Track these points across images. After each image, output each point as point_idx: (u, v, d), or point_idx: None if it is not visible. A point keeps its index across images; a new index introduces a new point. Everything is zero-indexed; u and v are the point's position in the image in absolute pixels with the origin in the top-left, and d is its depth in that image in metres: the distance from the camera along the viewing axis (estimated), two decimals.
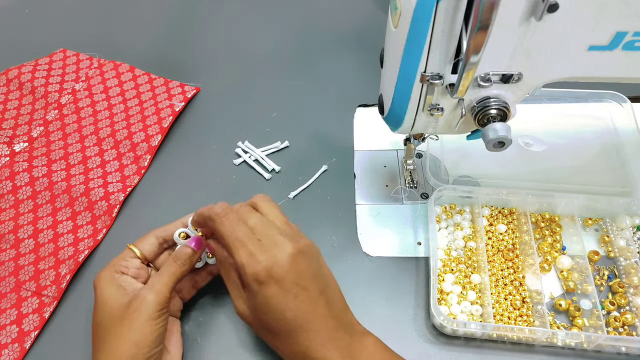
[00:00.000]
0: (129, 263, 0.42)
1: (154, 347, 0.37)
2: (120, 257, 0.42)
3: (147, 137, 0.61)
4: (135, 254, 0.42)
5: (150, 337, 0.37)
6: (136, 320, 0.37)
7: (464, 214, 0.52)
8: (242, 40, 0.75)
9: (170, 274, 0.40)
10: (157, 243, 0.44)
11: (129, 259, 0.42)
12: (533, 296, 0.46)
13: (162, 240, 0.44)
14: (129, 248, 0.43)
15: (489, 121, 0.39)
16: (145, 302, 0.38)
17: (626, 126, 0.58)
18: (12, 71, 0.69)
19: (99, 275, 0.40)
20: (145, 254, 0.43)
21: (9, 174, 0.57)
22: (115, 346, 0.37)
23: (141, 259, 0.43)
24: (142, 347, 0.37)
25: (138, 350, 0.36)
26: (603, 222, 0.51)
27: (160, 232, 0.44)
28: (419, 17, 0.35)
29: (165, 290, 0.39)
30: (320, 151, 0.59)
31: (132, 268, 0.42)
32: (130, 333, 0.37)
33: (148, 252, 0.43)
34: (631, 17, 0.34)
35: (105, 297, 0.39)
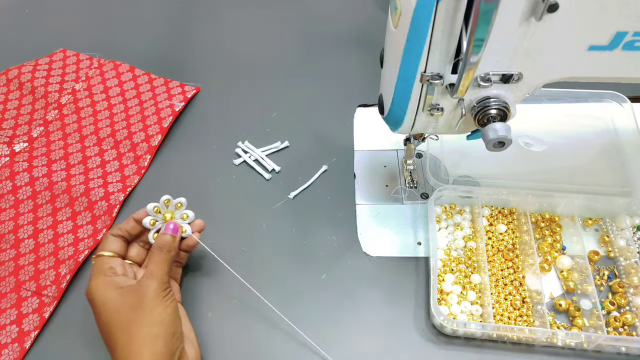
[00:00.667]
0: (112, 264, 0.42)
1: (174, 324, 0.39)
2: (100, 264, 0.42)
3: (147, 137, 0.61)
4: (108, 256, 0.43)
5: (167, 313, 0.39)
6: (147, 304, 0.39)
7: (464, 214, 0.52)
8: (242, 40, 0.75)
9: (161, 260, 0.42)
10: (119, 240, 0.45)
11: (109, 260, 0.43)
12: (533, 296, 0.46)
13: (121, 237, 0.45)
14: (99, 255, 0.43)
15: (489, 121, 0.39)
16: (150, 287, 0.39)
17: (626, 126, 0.58)
18: (12, 71, 0.69)
19: (90, 286, 0.41)
20: (116, 252, 0.44)
21: (9, 174, 0.57)
22: (138, 331, 0.37)
23: (117, 257, 0.44)
24: (164, 323, 0.38)
25: (161, 328, 0.38)
26: (603, 222, 0.51)
27: (116, 231, 0.45)
28: (419, 17, 0.35)
29: (162, 274, 0.41)
30: (320, 151, 0.59)
31: (118, 266, 0.43)
32: (147, 314, 0.38)
33: (117, 249, 0.44)
34: (631, 17, 0.34)
35: (106, 299, 0.39)
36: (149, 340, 0.37)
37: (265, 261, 0.50)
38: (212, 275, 0.49)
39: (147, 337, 0.37)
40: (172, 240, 0.44)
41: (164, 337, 0.38)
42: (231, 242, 0.52)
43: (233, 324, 0.46)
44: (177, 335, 0.39)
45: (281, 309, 0.47)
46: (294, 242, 0.52)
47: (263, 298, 0.46)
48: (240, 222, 0.54)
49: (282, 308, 0.47)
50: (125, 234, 0.45)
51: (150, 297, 0.39)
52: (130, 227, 0.45)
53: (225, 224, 0.53)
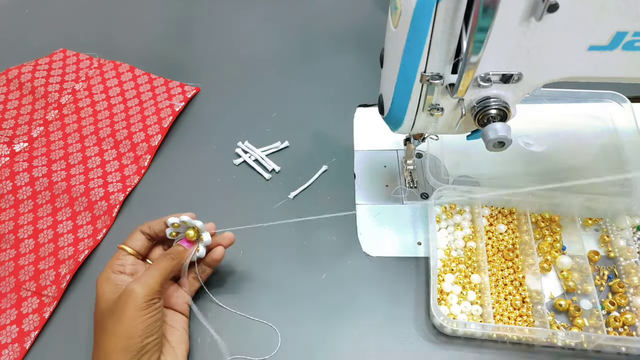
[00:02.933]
0: (123, 261, 0.43)
1: (145, 338, 0.38)
2: (115, 257, 0.43)
3: (147, 137, 0.61)
4: (127, 251, 0.44)
5: (139, 328, 0.38)
6: (125, 312, 0.38)
7: (464, 214, 0.52)
8: (242, 40, 0.75)
9: (159, 267, 0.41)
10: (145, 238, 0.45)
11: (122, 257, 0.43)
12: (533, 296, 0.46)
13: (148, 236, 0.45)
14: (121, 248, 0.44)
15: (489, 121, 0.39)
16: (133, 294, 0.39)
17: (626, 126, 0.58)
18: (12, 71, 0.69)
19: (99, 278, 0.42)
20: (137, 249, 0.44)
21: (9, 174, 0.57)
22: (108, 340, 0.38)
23: (134, 255, 0.44)
24: (133, 337, 0.37)
25: (129, 342, 0.37)
26: (603, 222, 0.51)
27: (145, 228, 0.45)
28: (419, 17, 0.35)
29: (153, 282, 0.40)
30: (320, 151, 0.59)
31: (128, 265, 0.43)
32: (120, 325, 0.38)
33: (138, 247, 0.44)
34: (631, 17, 0.34)
35: (101, 295, 0.40)
36: (114, 352, 0.37)
37: (265, 261, 0.50)
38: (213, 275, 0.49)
39: (117, 346, 0.37)
40: (182, 250, 0.44)
41: (130, 353, 0.37)
42: None
43: (233, 324, 0.46)
44: (147, 346, 0.38)
45: (281, 308, 0.47)
46: (294, 242, 0.52)
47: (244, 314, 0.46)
48: (240, 222, 0.54)
49: (282, 308, 0.47)
50: (152, 234, 0.45)
51: (130, 306, 0.38)
52: (159, 229, 0.45)
53: (225, 224, 0.53)
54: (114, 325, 0.38)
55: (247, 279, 0.49)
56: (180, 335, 0.43)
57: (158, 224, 0.45)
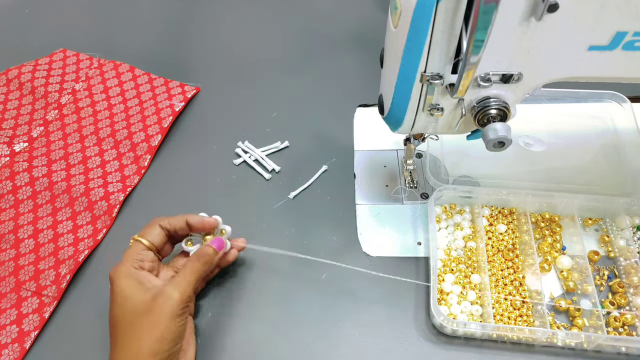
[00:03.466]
0: (143, 256, 0.42)
1: (174, 344, 0.38)
2: (134, 251, 0.42)
3: (147, 137, 0.61)
4: (145, 245, 0.42)
5: (173, 334, 0.38)
6: (161, 317, 0.38)
7: (464, 214, 0.52)
8: (242, 40, 0.75)
9: (193, 272, 0.41)
10: (163, 233, 0.44)
11: (142, 252, 0.42)
12: (533, 296, 0.46)
13: (166, 230, 0.44)
14: (137, 240, 0.43)
15: (489, 121, 0.39)
16: (171, 300, 0.38)
17: (626, 126, 0.58)
18: (12, 71, 0.69)
19: (118, 270, 0.40)
20: (155, 244, 0.43)
21: (9, 174, 0.57)
22: (138, 341, 0.37)
23: (152, 249, 0.43)
24: (165, 343, 0.37)
25: (161, 347, 0.37)
26: (603, 222, 0.51)
27: (165, 222, 0.44)
28: (419, 17, 0.35)
29: (189, 289, 0.40)
30: (320, 151, 0.59)
31: (147, 261, 0.42)
32: (154, 329, 0.37)
33: (156, 242, 0.43)
34: (631, 17, 0.34)
35: (127, 292, 0.39)
36: (147, 354, 0.36)
37: (265, 261, 0.50)
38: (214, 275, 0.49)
39: (148, 350, 0.37)
40: (213, 253, 0.43)
41: (161, 355, 0.37)
42: None
43: (233, 324, 0.46)
44: (175, 353, 0.38)
45: (281, 308, 0.47)
46: (294, 242, 0.52)
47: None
48: (240, 222, 0.54)
49: (282, 308, 0.47)
50: (172, 230, 0.44)
51: (167, 312, 0.38)
52: (179, 227, 0.44)
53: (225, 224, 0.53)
54: (149, 329, 0.37)
55: (247, 279, 0.49)
56: (190, 338, 0.43)
57: (179, 221, 0.44)
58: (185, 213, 0.46)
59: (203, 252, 0.43)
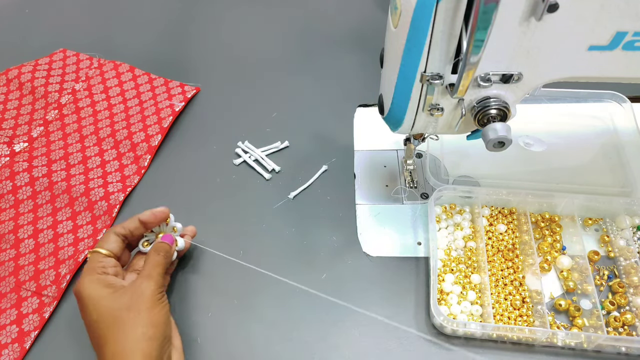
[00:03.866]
0: (105, 263, 0.42)
1: (165, 328, 0.39)
2: (94, 261, 0.42)
3: (147, 137, 0.61)
4: (104, 254, 0.43)
5: (160, 317, 0.39)
6: (144, 305, 0.39)
7: (464, 214, 0.52)
8: (242, 40, 0.75)
9: (156, 263, 0.43)
10: (119, 240, 0.44)
11: (102, 259, 0.42)
12: (533, 296, 0.46)
13: (122, 237, 0.45)
14: (96, 251, 0.43)
15: (489, 121, 0.39)
16: (148, 289, 0.40)
17: (626, 126, 0.58)
18: (12, 71, 0.69)
19: (81, 283, 0.40)
20: (113, 251, 0.44)
21: (9, 174, 0.57)
22: (129, 331, 0.37)
23: (111, 256, 0.43)
24: (158, 326, 0.38)
25: (155, 330, 0.38)
26: (603, 222, 0.51)
27: (120, 229, 0.45)
28: (419, 17, 0.35)
29: (158, 276, 0.42)
30: (320, 151, 0.59)
31: (110, 267, 0.42)
32: (141, 316, 0.38)
33: (114, 249, 0.44)
34: (631, 17, 0.34)
35: (97, 297, 0.39)
36: (143, 341, 0.37)
37: (265, 261, 0.50)
38: (213, 275, 0.49)
39: (142, 337, 0.37)
40: (168, 247, 0.45)
41: (157, 340, 0.38)
42: (231, 242, 0.52)
43: (233, 324, 0.46)
44: (167, 339, 0.39)
45: (281, 308, 0.47)
46: (294, 242, 0.52)
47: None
48: (240, 222, 0.54)
49: (282, 308, 0.47)
50: (128, 233, 0.45)
51: (148, 298, 0.39)
52: (133, 227, 0.45)
53: (225, 224, 0.53)
54: (136, 318, 0.38)
55: (246, 279, 0.49)
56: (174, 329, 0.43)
57: (132, 222, 0.45)
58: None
59: (159, 247, 0.44)
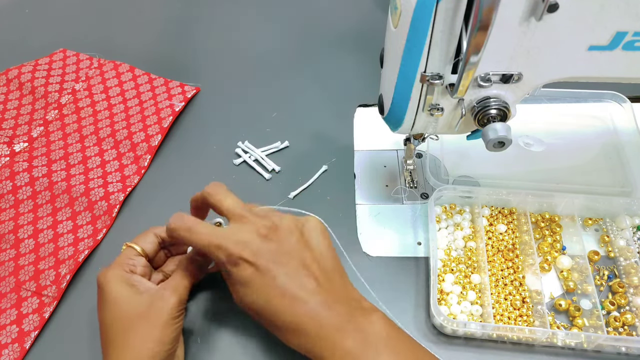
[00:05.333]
0: (135, 261, 0.42)
1: (172, 346, 0.38)
2: (126, 256, 0.41)
3: (147, 137, 0.61)
4: (138, 252, 0.42)
5: (171, 335, 0.38)
6: (159, 319, 0.38)
7: (464, 214, 0.52)
8: (242, 40, 0.75)
9: (188, 273, 0.41)
10: (157, 241, 0.44)
11: (134, 257, 0.42)
12: (533, 296, 0.46)
13: (160, 239, 0.44)
14: (130, 246, 0.42)
15: (489, 121, 0.39)
16: (169, 302, 0.38)
17: (626, 126, 0.58)
18: (12, 71, 0.69)
19: (106, 274, 0.39)
20: (147, 252, 0.43)
21: (9, 174, 0.57)
22: (137, 343, 0.37)
23: (144, 256, 0.43)
24: (164, 344, 0.37)
25: (161, 348, 0.37)
26: (603, 222, 0.51)
27: (160, 231, 0.44)
28: (419, 17, 0.35)
29: (185, 292, 0.40)
30: (320, 151, 0.59)
31: (139, 266, 0.42)
32: (154, 331, 0.37)
33: (149, 250, 0.43)
34: (631, 17, 0.34)
35: (118, 296, 0.39)
36: (146, 356, 0.36)
37: None
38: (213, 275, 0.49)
39: (146, 353, 0.36)
40: (203, 257, 0.43)
41: (160, 357, 0.37)
42: None
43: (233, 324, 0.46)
44: (171, 354, 0.39)
45: None
46: None
47: None
48: None
49: None
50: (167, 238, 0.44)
51: (165, 314, 0.38)
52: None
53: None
54: (147, 330, 0.37)
55: None
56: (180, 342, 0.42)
57: None
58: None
59: (193, 257, 0.42)
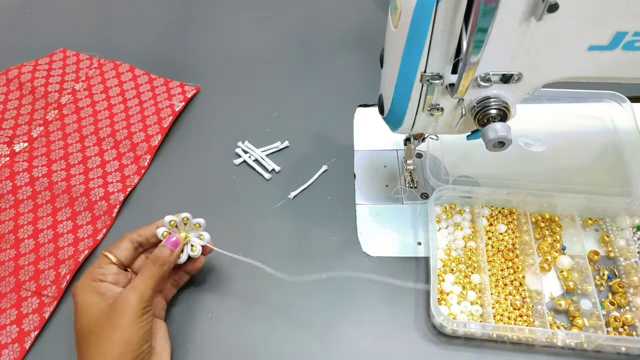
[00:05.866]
0: (105, 270, 0.42)
1: (141, 345, 0.38)
2: (96, 265, 0.42)
3: (147, 137, 0.61)
4: (110, 260, 0.42)
5: (137, 335, 0.38)
6: (121, 320, 0.38)
7: (464, 214, 0.52)
8: (242, 40, 0.75)
9: (150, 274, 0.41)
10: (132, 247, 0.44)
11: (104, 265, 0.42)
12: (533, 296, 0.46)
13: (136, 244, 0.44)
14: (104, 255, 0.43)
15: (489, 121, 0.39)
16: (129, 302, 0.38)
17: (626, 126, 0.58)
18: (12, 71, 0.69)
19: (77, 286, 0.41)
20: (121, 259, 0.43)
21: (9, 174, 0.57)
22: (102, 347, 0.37)
23: (117, 264, 0.42)
24: (130, 344, 0.37)
25: (126, 348, 0.37)
26: (603, 222, 0.51)
27: (135, 236, 0.44)
28: (419, 17, 0.35)
29: (147, 290, 0.40)
30: (320, 151, 0.59)
31: (110, 274, 0.42)
32: (117, 332, 0.37)
33: (124, 257, 0.43)
34: (631, 17, 0.34)
35: (85, 305, 0.39)
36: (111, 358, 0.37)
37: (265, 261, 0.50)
38: (213, 275, 0.49)
39: (110, 354, 0.37)
40: (169, 254, 0.42)
41: (129, 355, 0.37)
42: (231, 242, 0.51)
43: (233, 324, 0.46)
44: (142, 355, 0.38)
45: (281, 308, 0.47)
46: (293, 242, 0.52)
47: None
48: (240, 222, 0.54)
49: (282, 308, 0.47)
50: (144, 241, 0.44)
51: (127, 314, 0.38)
52: (150, 235, 0.44)
53: (226, 224, 0.53)
54: (110, 333, 0.37)
55: (246, 279, 0.49)
56: (163, 341, 0.42)
57: (149, 230, 0.44)
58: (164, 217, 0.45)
59: (158, 254, 0.42)
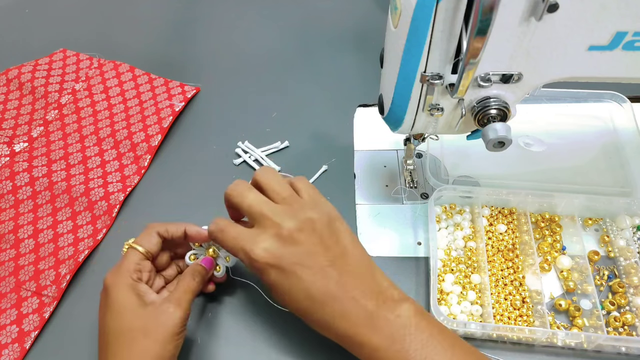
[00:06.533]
0: (142, 266, 0.41)
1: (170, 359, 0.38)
2: (132, 261, 0.40)
3: (147, 137, 0.61)
4: (143, 254, 0.41)
5: (172, 352, 0.38)
6: (162, 335, 0.37)
7: (464, 214, 0.52)
8: (242, 40, 0.75)
9: (189, 288, 0.40)
10: (160, 241, 0.43)
11: (141, 262, 0.41)
12: (533, 296, 0.46)
13: (162, 238, 0.43)
14: (134, 247, 0.41)
15: (489, 121, 0.39)
16: (173, 318, 0.38)
17: (626, 126, 0.58)
18: (12, 71, 0.69)
19: (114, 279, 0.39)
20: (151, 252, 0.42)
21: (9, 174, 0.57)
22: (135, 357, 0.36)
23: (149, 258, 0.42)
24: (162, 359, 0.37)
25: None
26: (603, 222, 0.51)
27: (162, 229, 0.43)
28: (419, 17, 0.35)
29: (189, 306, 0.40)
30: (320, 151, 0.59)
31: (145, 272, 0.41)
32: (154, 346, 0.37)
33: (153, 250, 0.42)
34: (631, 17, 0.34)
35: (123, 305, 0.38)
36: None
37: None
38: None
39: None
40: (205, 272, 0.43)
41: None
42: None
43: (233, 324, 0.46)
44: None
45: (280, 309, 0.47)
46: None
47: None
48: None
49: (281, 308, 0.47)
50: (168, 237, 0.43)
51: (169, 330, 0.37)
52: (177, 235, 0.43)
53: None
54: (149, 346, 0.36)
55: (246, 279, 0.49)
56: None
57: (177, 229, 0.43)
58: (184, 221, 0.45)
59: (197, 270, 0.42)
